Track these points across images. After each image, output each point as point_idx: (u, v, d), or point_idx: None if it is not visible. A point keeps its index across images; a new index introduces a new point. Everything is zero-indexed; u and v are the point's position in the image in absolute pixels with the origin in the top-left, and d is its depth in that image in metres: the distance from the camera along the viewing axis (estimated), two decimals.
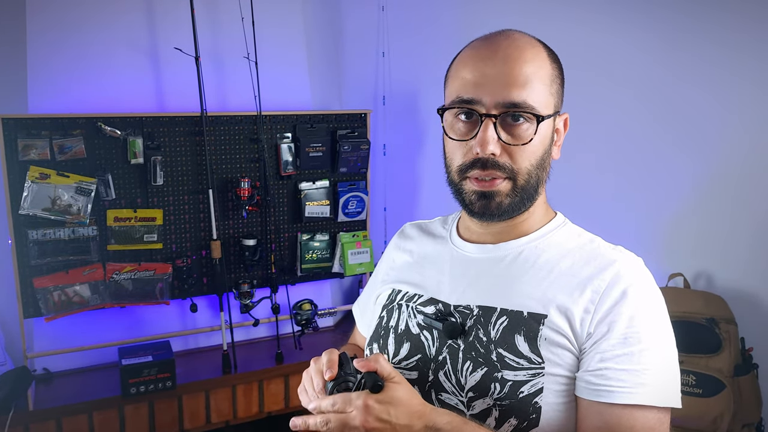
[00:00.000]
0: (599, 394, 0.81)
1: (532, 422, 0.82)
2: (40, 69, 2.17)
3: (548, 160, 0.90)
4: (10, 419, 1.93)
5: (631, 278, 0.85)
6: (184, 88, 2.31)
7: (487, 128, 0.83)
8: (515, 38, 0.87)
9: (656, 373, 0.82)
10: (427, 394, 0.90)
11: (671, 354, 0.86)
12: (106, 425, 2.09)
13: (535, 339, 0.84)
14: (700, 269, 2.17)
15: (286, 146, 2.46)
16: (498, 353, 0.85)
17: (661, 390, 0.82)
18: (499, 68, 0.84)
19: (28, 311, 2.13)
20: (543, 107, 0.85)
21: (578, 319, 0.83)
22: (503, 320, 0.87)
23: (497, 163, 0.85)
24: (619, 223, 2.33)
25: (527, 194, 0.88)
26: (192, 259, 2.36)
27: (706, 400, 1.90)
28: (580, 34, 2.36)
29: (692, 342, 2.00)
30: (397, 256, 1.08)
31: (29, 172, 2.07)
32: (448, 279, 0.96)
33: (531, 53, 0.86)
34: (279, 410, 2.34)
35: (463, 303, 0.92)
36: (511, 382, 0.83)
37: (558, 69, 0.90)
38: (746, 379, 1.94)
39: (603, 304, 0.83)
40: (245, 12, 2.29)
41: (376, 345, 0.98)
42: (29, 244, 2.10)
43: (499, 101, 0.83)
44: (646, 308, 0.84)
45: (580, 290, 0.85)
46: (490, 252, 0.94)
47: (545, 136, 0.88)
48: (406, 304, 0.98)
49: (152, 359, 2.12)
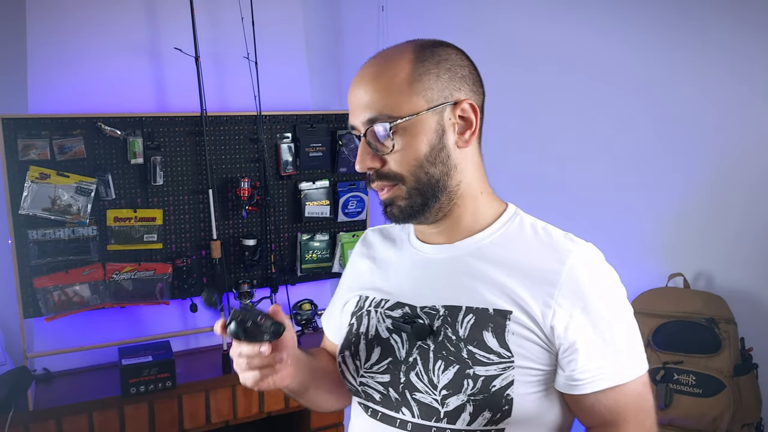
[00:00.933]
0: (586, 386, 0.87)
1: (504, 413, 0.86)
2: (40, 69, 2.17)
3: (444, 154, 0.91)
4: (10, 419, 1.93)
5: (586, 267, 0.89)
6: (184, 88, 2.31)
7: (361, 147, 0.92)
8: (375, 59, 0.93)
9: (629, 348, 0.89)
10: (401, 395, 0.93)
11: (634, 326, 0.92)
12: (106, 425, 2.09)
13: (503, 334, 0.88)
14: (700, 269, 2.17)
15: (286, 146, 2.46)
16: (468, 350, 0.89)
17: (637, 361, 0.90)
18: (357, 92, 0.92)
19: (28, 311, 2.13)
20: (402, 110, 0.88)
21: (540, 313, 0.87)
22: (470, 318, 0.90)
23: (381, 173, 0.91)
24: (620, 223, 2.33)
25: (425, 192, 0.91)
26: (192, 259, 2.36)
27: (706, 400, 1.90)
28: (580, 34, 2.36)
29: (692, 342, 2.00)
30: (360, 263, 1.10)
31: (29, 172, 2.07)
32: (411, 282, 0.99)
33: (385, 66, 0.91)
34: (279, 410, 2.34)
35: (429, 304, 0.95)
36: (483, 377, 0.87)
37: (431, 64, 0.90)
38: (746, 379, 1.94)
39: (563, 299, 0.87)
40: (245, 12, 2.29)
41: (348, 352, 1.00)
42: (29, 244, 2.10)
43: (362, 121, 0.91)
44: (604, 293, 0.89)
45: (539, 284, 0.88)
46: (448, 251, 0.97)
47: (427, 133, 0.89)
48: (374, 309, 1.00)
49: (152, 359, 2.11)
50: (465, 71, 0.93)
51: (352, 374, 0.99)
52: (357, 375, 0.98)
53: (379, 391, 0.96)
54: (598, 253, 0.92)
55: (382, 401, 0.96)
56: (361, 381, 0.98)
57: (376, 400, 0.96)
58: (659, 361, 2.01)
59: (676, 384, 1.95)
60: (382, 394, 0.95)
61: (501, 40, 2.55)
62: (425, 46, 0.93)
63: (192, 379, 2.20)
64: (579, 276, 0.88)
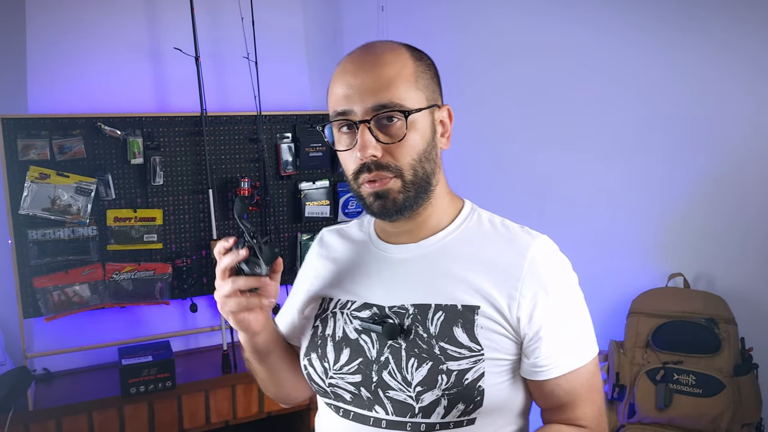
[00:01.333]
0: (549, 372, 0.92)
1: (477, 404, 0.90)
2: (40, 69, 2.17)
3: (435, 152, 0.95)
4: (10, 419, 1.93)
5: (545, 260, 0.93)
6: (184, 88, 2.31)
7: (363, 134, 0.90)
8: (375, 47, 0.94)
9: (584, 332, 0.95)
10: (373, 394, 0.94)
11: (586, 311, 0.97)
12: (106, 425, 2.09)
13: (473, 329, 0.91)
14: (700, 269, 2.17)
15: (286, 146, 2.46)
16: (440, 347, 0.91)
17: (591, 344, 0.96)
18: (363, 77, 0.90)
19: (28, 311, 2.13)
20: (411, 103, 0.90)
21: (506, 306, 0.91)
22: (440, 315, 0.93)
23: (381, 164, 0.90)
24: (620, 223, 2.33)
25: (419, 187, 0.93)
26: (192, 259, 2.36)
27: (706, 400, 1.90)
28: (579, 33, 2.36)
29: (692, 342, 2.00)
30: (320, 264, 1.10)
31: (29, 172, 2.07)
32: (379, 282, 0.99)
33: (390, 57, 0.92)
34: (279, 410, 2.34)
35: (397, 303, 0.96)
36: (456, 372, 0.89)
37: (425, 65, 0.95)
38: (746, 379, 1.94)
39: (526, 290, 0.91)
40: (245, 12, 2.29)
41: (315, 354, 1.00)
42: (29, 244, 2.10)
43: (368, 106, 0.89)
44: (562, 282, 0.94)
45: (503, 278, 0.92)
46: (413, 251, 0.98)
47: (424, 130, 0.92)
48: (340, 311, 1.01)
49: (152, 359, 2.11)
50: (438, 79, 0.98)
51: (320, 376, 0.99)
52: (326, 377, 0.98)
53: (349, 392, 0.96)
54: (553, 245, 0.97)
55: (353, 401, 0.96)
56: (330, 382, 0.98)
57: (346, 400, 0.97)
58: (659, 361, 2.01)
59: (676, 384, 1.95)
60: (352, 394, 0.96)
61: (500, 40, 2.55)
62: (412, 47, 0.96)
63: (192, 379, 2.20)
64: (539, 268, 0.92)
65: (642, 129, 2.28)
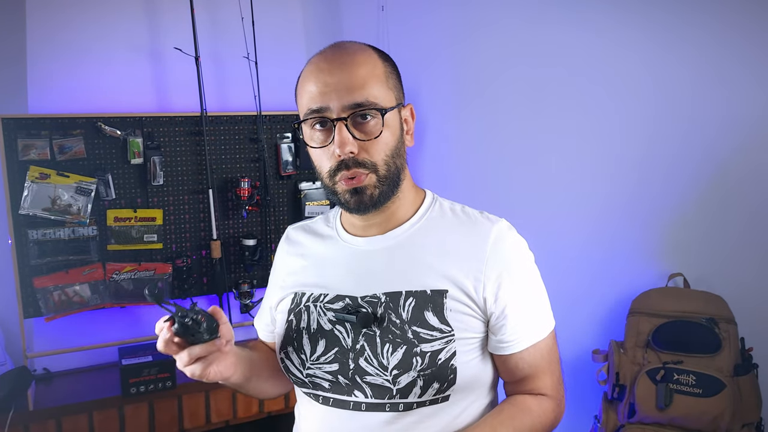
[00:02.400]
0: (514, 346, 0.99)
1: (450, 382, 0.95)
2: (40, 69, 2.17)
3: (403, 148, 1.00)
4: (10, 419, 1.93)
5: (505, 243, 1.00)
6: (184, 88, 2.31)
7: (341, 131, 0.92)
8: (346, 47, 0.97)
9: (543, 310, 1.03)
10: (351, 380, 0.97)
11: (544, 291, 1.05)
12: (106, 425, 2.09)
13: (442, 311, 0.96)
14: (700, 269, 2.17)
15: (286, 146, 2.46)
16: (413, 331, 0.95)
17: (548, 320, 1.03)
18: (338, 75, 0.93)
19: (28, 311, 2.13)
20: (385, 101, 0.94)
21: (472, 288, 0.96)
22: (410, 301, 0.97)
23: (357, 160, 0.94)
24: (620, 223, 2.33)
25: (392, 182, 0.97)
26: (192, 259, 2.36)
27: (706, 400, 1.90)
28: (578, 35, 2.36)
29: (692, 342, 2.00)
30: (290, 261, 1.13)
31: (29, 172, 2.07)
32: (349, 274, 1.03)
33: (362, 57, 0.95)
34: (279, 410, 2.34)
35: (369, 293, 0.99)
36: (429, 353, 0.94)
37: (391, 66, 0.99)
38: (746, 379, 1.94)
39: (490, 272, 0.97)
40: (245, 12, 2.29)
41: (291, 347, 1.03)
42: (29, 244, 2.10)
43: (345, 104, 0.92)
44: (522, 262, 1.01)
45: (468, 262, 0.98)
46: (381, 242, 1.03)
47: (394, 128, 0.97)
48: (313, 304, 1.04)
49: (152, 359, 2.11)
50: (401, 80, 1.02)
51: (298, 368, 1.02)
52: (303, 368, 1.01)
53: (327, 380, 0.99)
54: (511, 228, 1.03)
55: (331, 388, 0.99)
56: (308, 373, 1.01)
57: (325, 388, 1.00)
58: (659, 361, 2.01)
59: (676, 384, 1.95)
60: (330, 382, 0.99)
61: (500, 41, 2.55)
62: (379, 50, 1.00)
63: (192, 379, 2.20)
64: (500, 250, 0.98)
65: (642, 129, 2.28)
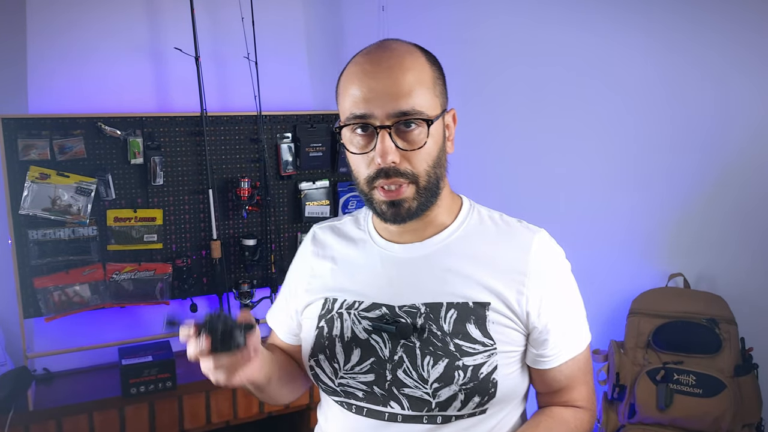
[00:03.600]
0: (554, 361, 0.98)
1: (491, 395, 0.94)
2: (40, 69, 2.16)
3: (444, 157, 0.96)
4: (10, 419, 1.93)
5: (546, 255, 0.98)
6: (184, 88, 2.31)
7: (384, 139, 0.88)
8: (394, 49, 0.92)
9: (581, 324, 1.02)
10: (387, 391, 0.95)
11: (581, 302, 1.03)
12: (107, 425, 2.09)
13: (484, 324, 0.94)
14: (700, 269, 2.17)
15: (286, 146, 2.46)
16: (455, 343, 0.93)
17: (586, 332, 1.03)
18: (384, 81, 0.88)
19: (28, 311, 2.13)
20: (431, 109, 0.91)
21: (515, 301, 0.95)
22: (452, 313, 0.95)
23: (398, 170, 0.90)
24: (620, 223, 2.33)
25: (430, 193, 0.94)
26: (192, 259, 2.36)
27: (707, 401, 1.90)
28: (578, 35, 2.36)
29: (693, 342, 2.00)
30: (316, 264, 1.08)
31: (29, 172, 2.07)
32: (386, 282, 0.99)
33: (410, 61, 0.91)
34: (279, 410, 2.34)
35: (408, 303, 0.97)
36: (471, 367, 0.92)
37: (438, 70, 0.96)
38: (746, 379, 1.94)
39: (532, 285, 0.95)
40: (245, 12, 2.29)
41: (322, 355, 1.00)
42: (29, 244, 2.10)
43: (390, 112, 0.88)
44: (562, 274, 0.99)
45: (510, 273, 0.96)
46: (418, 250, 0.99)
47: (438, 136, 0.93)
48: (347, 312, 1.00)
49: (152, 359, 2.11)
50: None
51: (330, 377, 0.99)
52: (335, 377, 0.98)
53: (362, 390, 0.97)
54: (551, 238, 1.01)
55: (365, 398, 0.97)
56: (340, 383, 0.98)
57: (358, 398, 0.97)
58: (659, 361, 2.01)
59: (677, 384, 1.95)
60: (365, 392, 0.96)
61: (501, 41, 2.55)
62: (427, 51, 0.95)
63: (192, 380, 2.20)
64: (542, 262, 0.97)
65: (642, 130, 2.28)
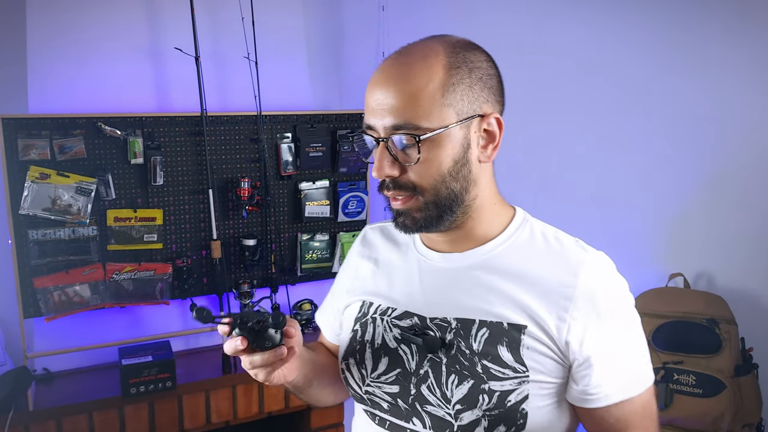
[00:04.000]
0: (598, 401, 0.87)
1: (519, 427, 0.85)
2: (40, 69, 2.17)
3: (467, 168, 0.87)
4: (10, 419, 1.93)
5: (599, 279, 0.88)
6: (184, 88, 2.31)
7: (379, 154, 0.86)
8: (409, 54, 0.86)
9: (640, 364, 0.89)
10: (411, 406, 0.91)
11: (643, 337, 0.92)
12: (107, 425, 2.09)
13: (518, 348, 0.86)
14: (700, 269, 2.17)
15: (286, 146, 2.46)
16: (483, 365, 0.86)
17: (646, 374, 0.90)
18: (386, 92, 0.84)
19: (28, 311, 2.13)
20: (432, 122, 0.83)
21: (554, 327, 0.85)
22: (484, 332, 0.88)
23: (398, 183, 0.86)
24: (621, 223, 2.33)
25: (442, 207, 0.87)
26: (192, 259, 2.36)
27: (707, 401, 1.90)
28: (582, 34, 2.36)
29: (692, 342, 2.00)
30: (360, 264, 1.06)
31: (29, 172, 2.07)
32: (420, 290, 0.95)
33: (418, 68, 0.84)
34: (279, 410, 2.34)
35: (440, 316, 0.91)
36: (498, 393, 0.85)
37: (463, 72, 0.85)
38: (746, 379, 1.94)
39: (577, 312, 0.85)
40: (245, 12, 2.29)
41: (353, 360, 0.98)
42: (29, 244, 2.10)
43: (387, 125, 0.84)
44: (617, 306, 0.88)
45: (553, 297, 0.86)
46: (458, 261, 0.93)
47: (453, 147, 0.85)
48: (380, 317, 0.97)
49: (152, 359, 2.11)
50: (494, 81, 0.89)
51: (357, 383, 0.97)
52: (362, 384, 0.96)
53: (387, 401, 0.94)
54: (609, 263, 0.90)
55: (390, 410, 0.93)
56: (366, 390, 0.96)
57: (383, 409, 0.94)
58: (659, 361, 2.01)
59: (677, 384, 1.95)
60: (390, 404, 0.93)
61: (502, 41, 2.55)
62: (458, 48, 0.87)
63: (192, 379, 2.20)
64: (593, 289, 0.86)
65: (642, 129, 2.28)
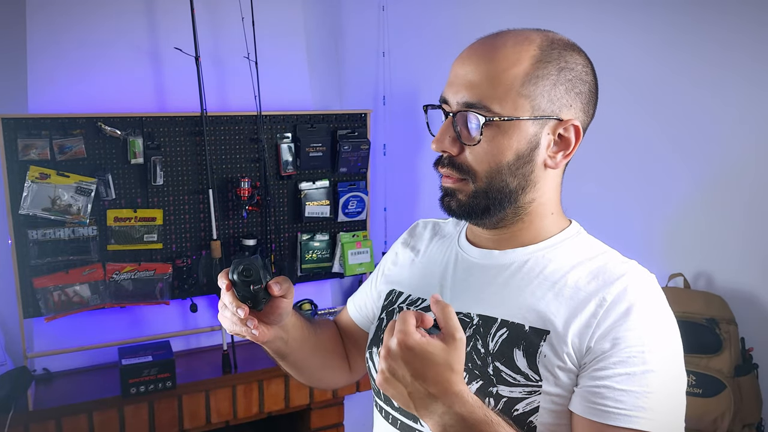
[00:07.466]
0: (595, 413, 0.76)
1: None
2: (40, 69, 2.17)
3: (529, 168, 0.83)
4: (10, 419, 1.93)
5: (638, 294, 0.80)
6: (184, 88, 2.31)
7: (444, 126, 0.83)
8: (502, 37, 0.84)
9: (660, 398, 0.76)
10: None
11: (678, 380, 0.80)
12: (106, 425, 2.09)
13: (535, 355, 0.80)
14: (700, 269, 2.17)
15: (286, 146, 2.46)
16: (495, 367, 0.83)
17: (663, 417, 0.76)
18: (468, 68, 0.82)
19: (28, 311, 2.13)
20: (506, 108, 0.80)
21: (578, 335, 0.79)
22: (503, 332, 0.84)
23: (454, 162, 0.84)
24: (620, 223, 2.33)
25: (493, 199, 0.84)
26: (192, 259, 2.36)
27: (707, 401, 1.90)
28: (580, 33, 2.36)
29: (692, 342, 2.00)
30: (401, 252, 1.06)
31: (29, 172, 2.07)
32: (451, 284, 0.93)
33: (508, 51, 0.81)
34: (279, 410, 2.34)
35: (464, 310, 0.89)
36: (506, 399, 0.81)
37: (552, 69, 0.82)
38: (746, 379, 1.94)
39: (606, 319, 0.78)
40: (245, 12, 2.29)
41: (376, 348, 0.97)
42: (29, 244, 2.10)
43: (459, 101, 0.82)
44: (653, 327, 0.79)
45: (584, 304, 0.80)
46: (496, 258, 0.90)
47: (519, 141, 0.81)
48: (407, 308, 0.96)
49: (152, 359, 2.11)
50: (584, 87, 0.86)
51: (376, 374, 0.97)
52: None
53: None
54: (656, 285, 0.83)
55: (400, 408, 0.91)
56: None
57: (394, 406, 0.93)
58: None
59: None
60: None
61: None
62: (555, 44, 0.83)
63: (192, 379, 2.20)
64: (630, 303, 0.78)
65: (642, 128, 2.28)
